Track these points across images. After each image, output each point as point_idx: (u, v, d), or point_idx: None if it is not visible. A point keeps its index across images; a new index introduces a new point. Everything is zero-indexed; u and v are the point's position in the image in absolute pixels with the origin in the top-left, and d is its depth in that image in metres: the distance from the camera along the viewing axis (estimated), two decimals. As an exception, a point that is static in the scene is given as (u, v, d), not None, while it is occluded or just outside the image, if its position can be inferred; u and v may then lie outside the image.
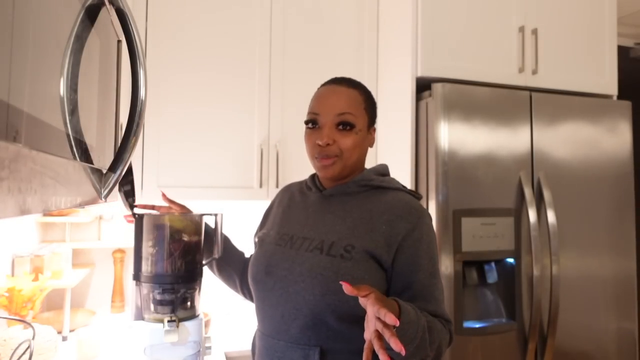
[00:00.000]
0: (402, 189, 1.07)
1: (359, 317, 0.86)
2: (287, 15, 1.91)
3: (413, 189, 1.66)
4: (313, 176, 1.14)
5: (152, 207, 1.32)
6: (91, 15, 0.56)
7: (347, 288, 0.76)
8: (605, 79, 1.92)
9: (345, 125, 0.99)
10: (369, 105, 1.06)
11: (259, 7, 1.87)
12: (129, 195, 1.13)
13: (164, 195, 1.30)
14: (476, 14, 1.74)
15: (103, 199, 0.65)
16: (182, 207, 1.30)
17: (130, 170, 1.13)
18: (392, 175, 1.14)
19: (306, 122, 1.04)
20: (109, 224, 1.95)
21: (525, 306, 1.62)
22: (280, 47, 1.89)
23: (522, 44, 1.78)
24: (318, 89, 1.08)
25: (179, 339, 1.30)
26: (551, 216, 1.64)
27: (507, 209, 1.62)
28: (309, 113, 1.04)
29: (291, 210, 1.12)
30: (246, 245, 2.09)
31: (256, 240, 1.18)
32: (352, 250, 0.95)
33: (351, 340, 0.94)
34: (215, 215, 1.38)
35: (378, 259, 0.95)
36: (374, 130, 1.08)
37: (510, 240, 1.61)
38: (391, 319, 0.69)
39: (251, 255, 1.15)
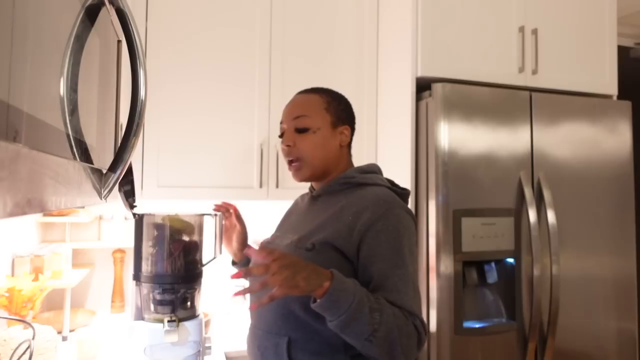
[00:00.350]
0: (382, 184, 1.08)
1: None
2: (287, 14, 1.91)
3: (413, 189, 1.66)
4: None
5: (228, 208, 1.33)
6: (91, 15, 0.56)
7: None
8: (605, 79, 1.92)
9: (302, 128, 1.08)
10: (333, 106, 1.11)
11: (260, 7, 1.87)
12: (129, 195, 1.13)
13: (235, 209, 1.31)
14: (476, 14, 1.74)
15: (103, 199, 0.65)
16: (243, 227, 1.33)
17: (130, 170, 1.13)
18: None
19: (280, 135, 1.14)
20: (109, 224, 1.95)
21: (525, 306, 1.62)
22: (280, 47, 1.89)
23: (522, 44, 1.78)
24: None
25: (179, 339, 1.30)
26: (551, 216, 1.64)
27: (507, 209, 1.62)
28: (280, 125, 1.15)
29: (290, 216, 1.23)
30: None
31: None
32: (316, 242, 1.00)
33: (317, 331, 0.97)
34: (215, 215, 1.38)
35: (340, 249, 0.98)
36: (347, 128, 1.13)
37: (510, 240, 1.61)
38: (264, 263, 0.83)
39: None
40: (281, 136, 1.13)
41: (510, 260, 1.62)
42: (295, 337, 0.99)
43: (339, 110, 1.12)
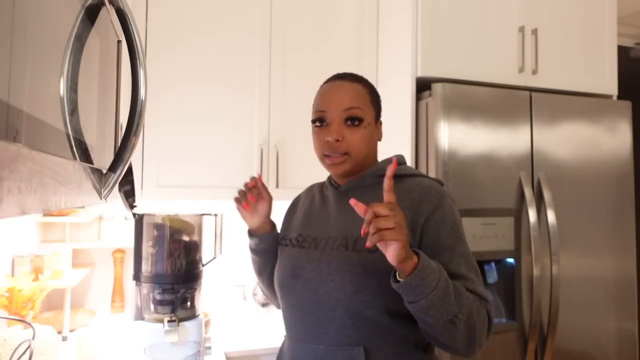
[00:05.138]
0: (419, 174, 1.04)
1: (399, 309, 0.86)
2: (287, 13, 1.91)
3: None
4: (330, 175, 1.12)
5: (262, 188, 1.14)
6: (91, 15, 0.56)
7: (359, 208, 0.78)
8: (605, 79, 1.92)
9: (354, 120, 0.97)
10: (374, 99, 1.04)
11: (259, 6, 1.87)
12: (129, 195, 1.13)
13: (260, 178, 1.13)
14: (476, 14, 1.74)
15: (103, 199, 0.65)
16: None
17: (130, 170, 1.13)
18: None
19: (313, 121, 1.01)
20: (109, 224, 1.95)
21: (525, 306, 1.62)
22: (280, 47, 1.89)
23: (522, 44, 1.78)
24: (321, 86, 1.06)
25: (179, 339, 1.30)
26: (551, 216, 1.64)
27: (507, 209, 1.62)
28: (316, 111, 1.01)
29: (312, 212, 1.09)
30: (245, 245, 2.09)
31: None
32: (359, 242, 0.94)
33: (392, 332, 0.92)
34: (215, 215, 1.38)
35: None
36: (381, 124, 1.06)
37: (510, 240, 1.61)
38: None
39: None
40: (319, 123, 1.00)
41: (510, 260, 1.62)
42: (370, 344, 0.91)
43: (378, 104, 1.05)
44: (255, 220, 1.11)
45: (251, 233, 1.14)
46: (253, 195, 1.09)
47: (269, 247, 1.12)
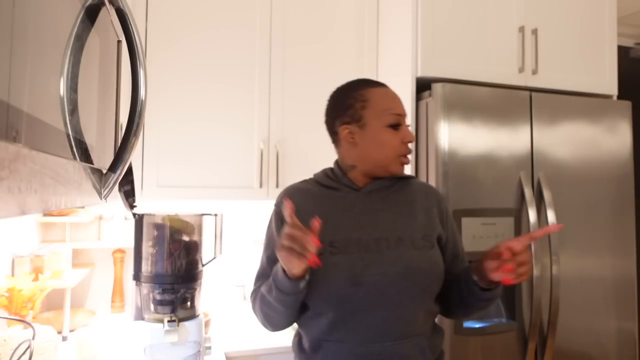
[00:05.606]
0: (412, 176, 1.18)
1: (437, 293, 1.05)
2: (287, 14, 1.91)
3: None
4: (328, 175, 1.09)
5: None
6: (91, 15, 0.56)
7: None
8: (605, 79, 1.92)
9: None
10: None
11: (260, 6, 1.87)
12: (129, 195, 1.13)
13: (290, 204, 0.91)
14: (476, 14, 1.74)
15: (103, 199, 0.65)
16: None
17: (130, 170, 1.13)
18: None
19: (392, 125, 1.03)
20: (109, 224, 1.95)
21: (525, 306, 1.62)
22: (280, 47, 1.89)
23: (522, 44, 1.78)
24: (374, 89, 1.05)
25: (179, 339, 1.30)
26: (551, 216, 1.64)
27: (507, 209, 1.62)
28: (392, 114, 1.03)
29: (336, 216, 1.03)
30: (245, 245, 2.09)
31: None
32: (429, 239, 1.04)
33: (434, 314, 1.08)
34: (215, 215, 1.38)
35: (440, 239, 1.08)
36: None
37: (510, 240, 1.61)
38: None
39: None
40: (396, 126, 1.04)
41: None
42: (426, 329, 1.04)
43: None
44: (303, 266, 0.90)
45: (289, 277, 0.92)
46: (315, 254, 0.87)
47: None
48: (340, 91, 1.09)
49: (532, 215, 1.61)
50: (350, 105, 1.04)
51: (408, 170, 1.67)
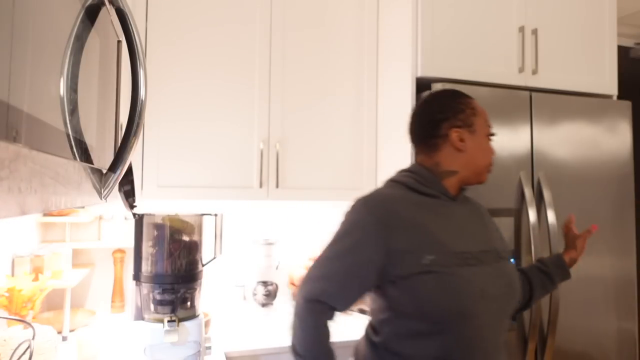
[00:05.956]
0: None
1: None
2: (287, 14, 1.91)
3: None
4: (420, 181, 1.04)
5: None
6: (91, 15, 0.56)
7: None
8: (605, 79, 1.92)
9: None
10: None
11: (259, 7, 1.87)
12: (129, 195, 1.13)
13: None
14: (476, 14, 1.74)
15: (103, 199, 0.65)
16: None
17: (130, 170, 1.13)
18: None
19: (490, 135, 1.08)
20: (109, 224, 1.95)
21: (525, 306, 1.62)
22: (280, 47, 1.89)
23: (522, 44, 1.78)
24: (474, 100, 1.09)
25: (179, 339, 1.30)
26: (551, 216, 1.64)
27: (507, 209, 1.62)
28: (489, 126, 1.09)
29: (444, 226, 0.99)
30: (244, 245, 2.09)
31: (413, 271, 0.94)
32: (508, 252, 1.09)
33: None
34: (215, 215, 1.38)
35: None
36: None
37: (510, 240, 1.61)
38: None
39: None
40: (490, 136, 1.09)
41: (511, 260, 1.62)
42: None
43: None
44: None
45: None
46: None
47: None
48: (444, 97, 1.07)
49: (532, 215, 1.61)
50: (461, 110, 1.04)
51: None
